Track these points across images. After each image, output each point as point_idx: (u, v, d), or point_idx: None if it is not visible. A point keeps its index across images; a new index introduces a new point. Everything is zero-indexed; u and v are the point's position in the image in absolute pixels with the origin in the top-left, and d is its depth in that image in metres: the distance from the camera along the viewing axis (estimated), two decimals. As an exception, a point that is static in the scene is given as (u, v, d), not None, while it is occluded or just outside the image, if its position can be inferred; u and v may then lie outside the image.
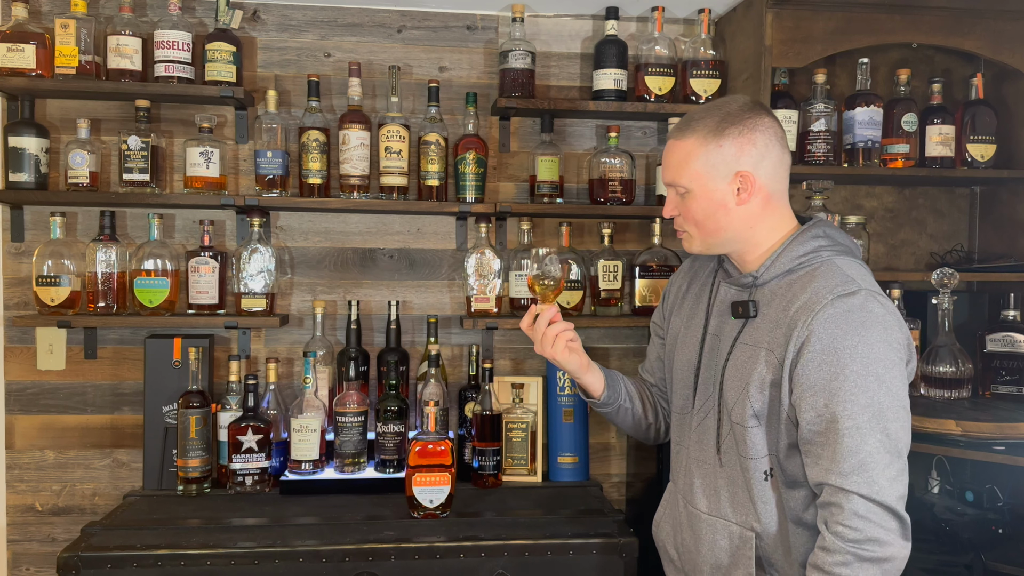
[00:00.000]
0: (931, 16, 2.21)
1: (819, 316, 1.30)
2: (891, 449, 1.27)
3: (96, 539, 1.86)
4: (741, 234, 1.44)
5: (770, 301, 1.40)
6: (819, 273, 1.36)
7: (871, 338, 1.29)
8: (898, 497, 1.27)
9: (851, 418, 1.27)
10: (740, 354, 1.41)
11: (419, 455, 1.97)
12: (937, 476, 2.43)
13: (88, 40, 2.16)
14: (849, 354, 1.28)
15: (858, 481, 1.25)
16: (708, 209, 1.42)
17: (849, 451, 1.26)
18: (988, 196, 2.60)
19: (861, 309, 1.30)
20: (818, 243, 1.41)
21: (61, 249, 2.18)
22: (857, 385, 1.27)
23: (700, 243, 1.48)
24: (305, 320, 2.42)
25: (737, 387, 1.40)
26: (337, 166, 2.30)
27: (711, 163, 1.40)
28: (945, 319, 2.24)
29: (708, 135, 1.40)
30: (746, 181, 1.40)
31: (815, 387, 1.30)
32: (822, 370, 1.29)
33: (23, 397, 2.33)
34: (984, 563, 2.05)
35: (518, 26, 2.34)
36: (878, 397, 1.27)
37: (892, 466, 1.27)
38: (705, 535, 1.46)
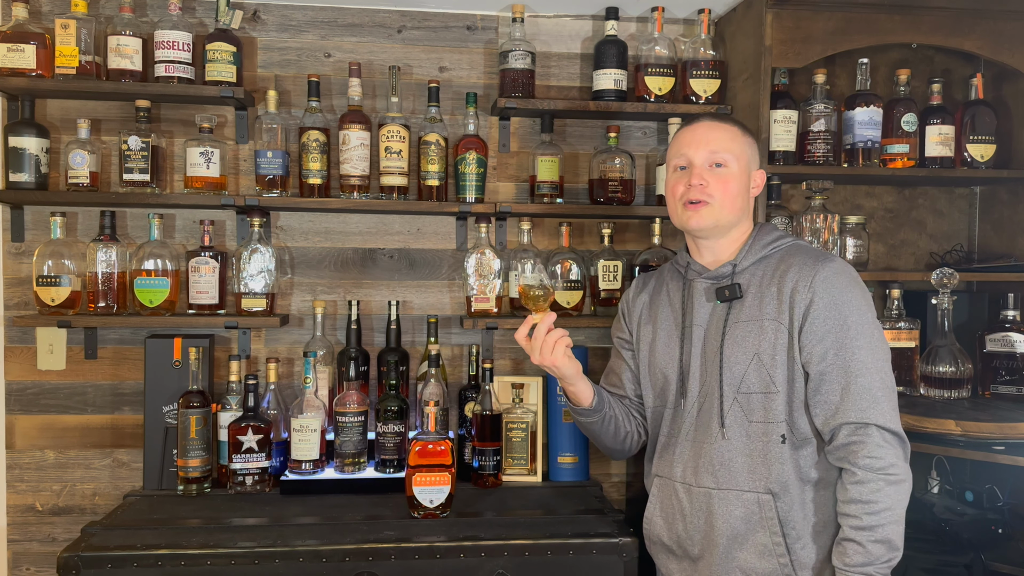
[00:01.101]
0: (931, 16, 2.22)
1: (817, 278, 1.51)
2: (890, 385, 1.49)
3: (96, 539, 1.86)
4: (737, 220, 1.63)
5: (753, 281, 1.58)
6: (793, 251, 1.59)
7: (859, 293, 1.52)
8: (900, 426, 1.49)
9: (860, 361, 1.46)
10: (738, 331, 1.56)
11: (419, 455, 1.97)
12: (937, 476, 2.43)
13: (88, 40, 2.16)
14: (848, 307, 1.49)
15: (875, 415, 1.45)
16: (740, 188, 1.61)
17: (863, 389, 1.45)
18: (988, 196, 2.60)
19: (845, 271, 1.54)
20: (777, 233, 1.64)
21: (61, 249, 2.18)
22: (860, 333, 1.48)
23: (716, 216, 1.60)
24: (305, 320, 2.42)
25: (743, 360, 1.54)
26: (337, 166, 2.30)
27: (748, 153, 1.63)
28: (945, 319, 2.24)
29: (744, 131, 1.64)
30: (759, 178, 1.67)
31: (825, 339, 1.48)
32: (827, 323, 1.49)
33: (23, 397, 2.33)
34: (984, 563, 2.05)
35: (518, 26, 2.34)
36: (874, 342, 1.49)
37: (893, 399, 1.49)
38: (718, 509, 1.54)
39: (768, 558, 1.51)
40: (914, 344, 2.41)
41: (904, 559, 2.03)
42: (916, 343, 2.41)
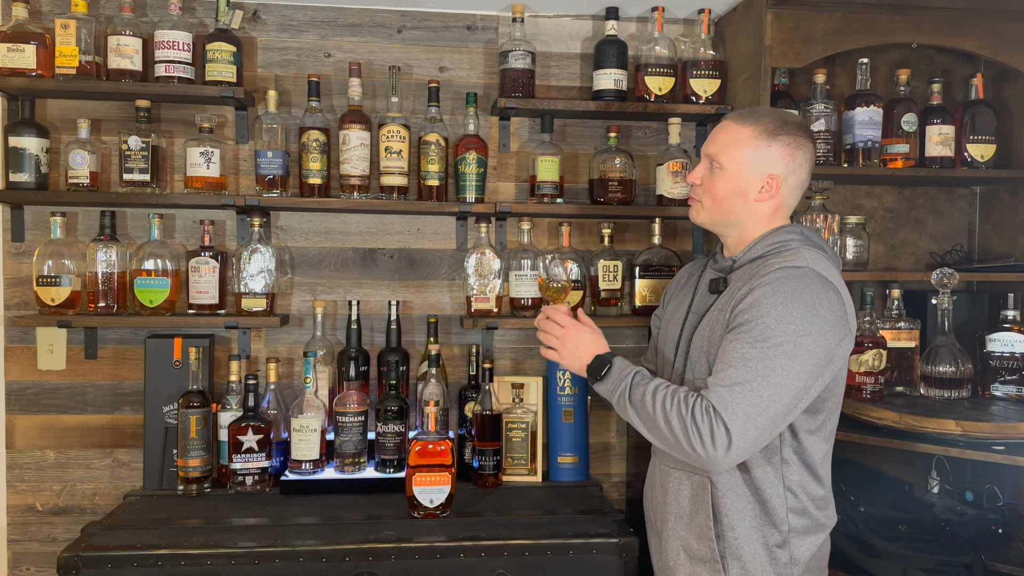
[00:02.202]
0: (931, 16, 2.22)
1: (762, 280, 1.47)
2: (761, 394, 1.40)
3: (96, 539, 1.86)
4: (744, 224, 1.61)
5: (739, 278, 1.57)
6: (783, 253, 1.54)
7: (796, 304, 1.43)
8: (740, 431, 1.39)
9: (741, 358, 1.42)
10: (708, 320, 1.59)
11: (419, 455, 1.97)
12: (937, 476, 2.44)
13: (88, 40, 2.16)
14: (768, 309, 1.43)
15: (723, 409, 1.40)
16: (731, 191, 1.59)
17: (728, 377, 1.42)
18: (988, 196, 2.60)
19: (799, 280, 1.46)
20: (791, 236, 1.58)
21: (61, 249, 2.18)
22: (762, 334, 1.42)
23: (707, 216, 1.64)
24: (305, 320, 2.43)
25: (698, 348, 1.57)
26: (337, 166, 2.30)
27: (755, 156, 1.57)
28: (945, 319, 2.24)
29: (764, 132, 1.57)
30: (773, 183, 1.58)
31: (731, 329, 1.48)
32: (740, 316, 1.47)
33: (23, 397, 2.33)
34: (984, 563, 2.05)
35: (518, 26, 2.34)
36: (775, 351, 1.41)
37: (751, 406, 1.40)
38: (671, 486, 1.61)
39: (704, 541, 1.54)
40: (914, 344, 2.41)
41: (904, 559, 2.04)
42: (916, 343, 2.41)
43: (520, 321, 2.32)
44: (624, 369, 1.58)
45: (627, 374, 1.56)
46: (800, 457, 1.54)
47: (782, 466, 1.53)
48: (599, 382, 1.60)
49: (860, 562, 2.10)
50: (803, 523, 1.54)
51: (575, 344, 1.66)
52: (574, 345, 1.66)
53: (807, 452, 1.54)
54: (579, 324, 1.69)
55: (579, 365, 1.65)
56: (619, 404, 1.56)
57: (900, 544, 2.09)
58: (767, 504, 1.52)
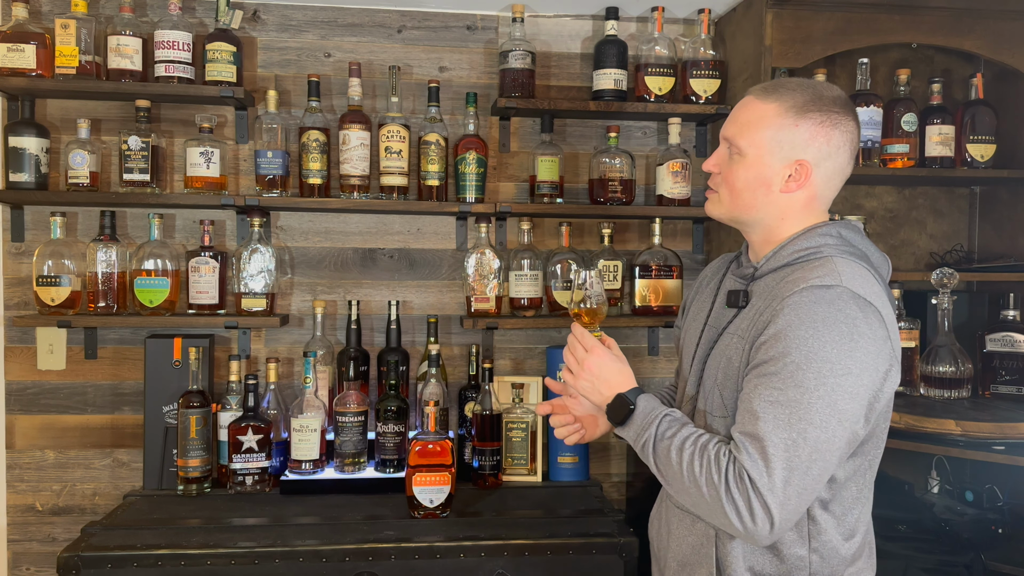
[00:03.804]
0: (931, 16, 2.22)
1: (787, 301, 1.22)
2: (799, 454, 1.16)
3: (96, 539, 1.86)
4: (769, 221, 1.36)
5: (761, 292, 1.32)
6: (811, 267, 1.26)
7: (828, 336, 1.18)
8: (780, 503, 1.16)
9: (772, 406, 1.18)
10: (724, 343, 1.35)
11: (419, 455, 1.97)
12: (937, 476, 2.43)
13: (88, 40, 2.16)
14: (796, 344, 1.18)
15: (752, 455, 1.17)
16: (752, 181, 1.33)
17: (759, 432, 1.17)
18: (988, 196, 2.60)
19: (831, 304, 1.20)
20: (824, 240, 1.31)
21: (61, 249, 2.18)
22: (792, 376, 1.17)
23: (725, 210, 1.39)
24: (305, 320, 2.42)
25: (713, 376, 1.34)
26: (337, 166, 2.30)
27: (779, 138, 1.31)
28: (945, 319, 2.24)
29: (791, 109, 1.31)
30: (802, 171, 1.31)
31: (755, 368, 1.23)
32: (763, 350, 1.22)
33: (23, 397, 2.33)
34: (984, 563, 2.05)
35: (518, 26, 2.34)
36: (809, 397, 1.16)
37: (790, 471, 1.16)
38: (675, 530, 1.41)
39: None
40: (914, 344, 2.41)
41: (904, 559, 2.04)
42: (916, 343, 2.41)
43: (520, 321, 2.32)
44: (649, 415, 1.32)
45: (652, 421, 1.31)
46: (830, 512, 1.28)
47: (808, 524, 1.27)
48: (621, 427, 1.36)
49: (860, 562, 2.10)
50: None
51: (596, 375, 1.40)
52: (595, 376, 1.40)
53: (840, 504, 1.29)
54: (604, 351, 1.41)
55: (599, 400, 1.40)
56: (643, 455, 1.33)
57: (900, 544, 2.09)
58: (784, 565, 1.29)
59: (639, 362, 2.55)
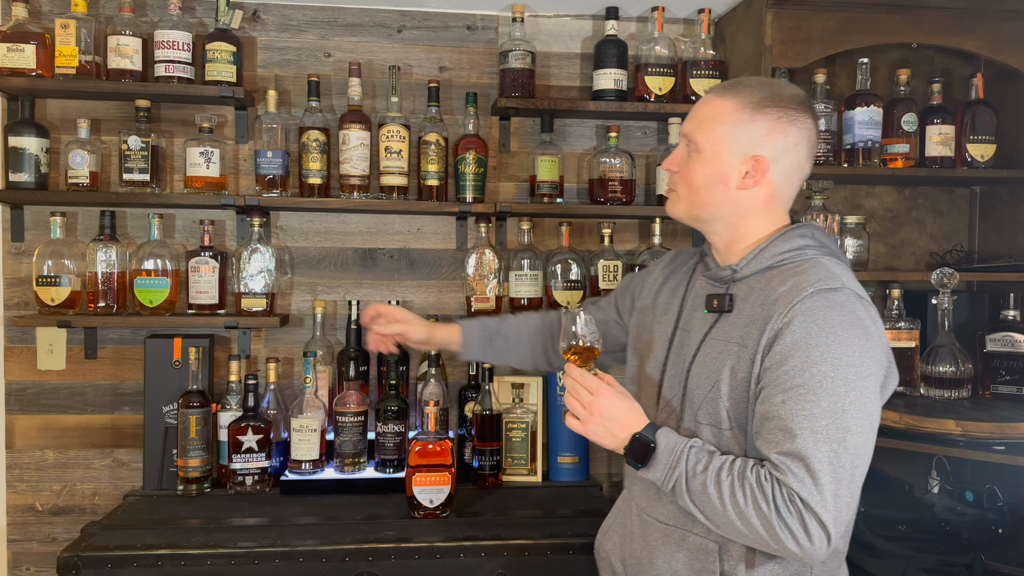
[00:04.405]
0: (931, 16, 2.21)
1: (798, 307, 1.21)
2: (843, 464, 1.16)
3: (96, 539, 1.86)
4: (729, 219, 1.36)
5: (747, 296, 1.31)
6: (802, 269, 1.27)
7: (848, 339, 1.20)
8: (833, 517, 1.15)
9: (808, 420, 1.17)
10: (710, 349, 1.32)
11: (419, 455, 1.97)
12: (937, 476, 2.43)
13: (88, 40, 2.16)
14: (821, 352, 1.18)
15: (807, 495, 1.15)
16: (709, 177, 1.34)
17: (798, 461, 1.16)
18: (988, 196, 2.60)
19: (842, 307, 1.21)
20: (804, 241, 1.33)
21: (61, 249, 2.18)
22: (822, 387, 1.17)
23: (685, 209, 1.39)
24: (305, 320, 2.42)
25: (705, 385, 1.31)
26: (337, 166, 2.30)
27: (735, 134, 1.32)
28: (945, 319, 2.24)
29: (748, 105, 1.32)
30: (758, 167, 1.32)
31: (776, 381, 1.21)
32: (787, 364, 1.20)
33: (23, 397, 2.33)
34: (984, 563, 2.05)
35: (518, 26, 2.34)
36: (843, 404, 1.17)
37: (840, 485, 1.16)
38: (660, 547, 1.36)
39: None
40: (914, 344, 2.41)
41: (904, 559, 2.04)
42: (916, 343, 2.41)
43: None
44: (673, 450, 1.27)
45: (679, 458, 1.26)
46: None
47: None
48: (645, 469, 1.30)
49: (860, 562, 2.10)
50: None
51: (607, 417, 1.33)
52: (606, 419, 1.33)
53: None
54: (611, 391, 1.34)
55: (613, 444, 1.34)
56: (676, 494, 1.27)
57: (900, 544, 2.09)
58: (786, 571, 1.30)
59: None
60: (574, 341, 1.40)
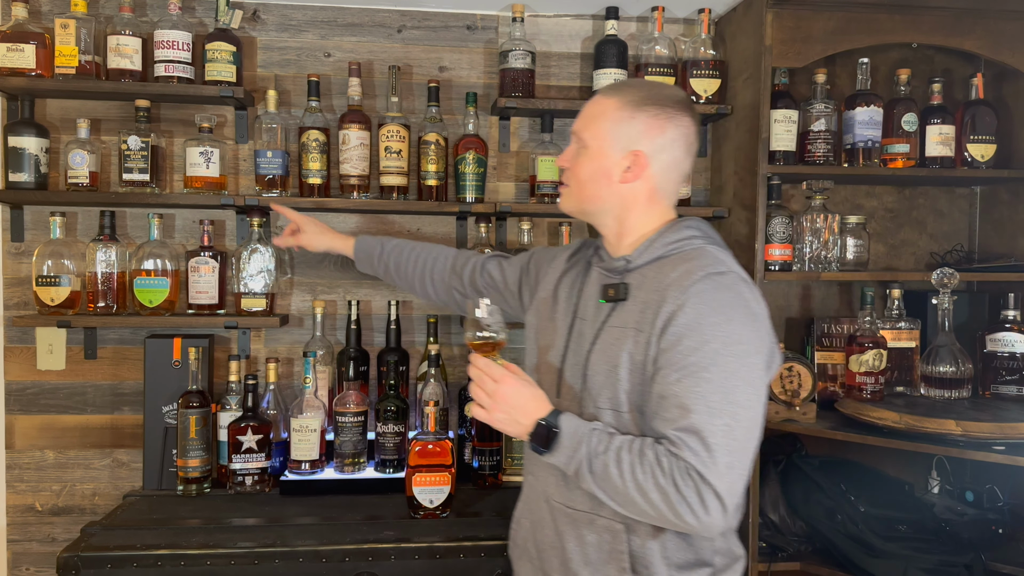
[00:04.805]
0: (931, 16, 2.21)
1: (690, 291, 1.28)
2: (736, 437, 1.23)
3: (96, 539, 1.86)
4: (615, 212, 1.44)
5: (641, 284, 1.37)
6: (691, 256, 1.35)
7: (737, 319, 1.28)
8: (728, 488, 1.22)
9: (702, 396, 1.23)
10: (608, 337, 1.37)
11: (419, 455, 1.97)
12: (937, 476, 2.43)
13: (88, 40, 2.16)
14: (712, 331, 1.26)
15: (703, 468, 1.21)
16: (594, 172, 1.42)
17: (694, 425, 1.22)
18: (988, 196, 2.60)
19: (730, 289, 1.30)
20: (691, 232, 1.41)
21: (61, 249, 2.18)
22: (714, 363, 1.24)
23: (575, 203, 1.47)
24: (305, 320, 2.42)
25: (604, 370, 1.35)
26: (337, 166, 2.30)
27: (617, 130, 1.40)
28: (945, 319, 2.24)
29: (629, 103, 1.40)
30: (638, 162, 1.40)
31: (671, 361, 1.27)
32: (682, 344, 1.26)
33: (23, 397, 2.33)
34: (984, 563, 2.05)
35: (518, 26, 2.34)
36: (733, 380, 1.24)
37: (732, 459, 1.22)
38: (570, 532, 1.39)
39: None
40: (914, 344, 2.41)
41: (904, 559, 2.04)
42: (916, 343, 2.41)
43: (520, 321, 2.32)
44: (575, 434, 1.31)
45: (581, 440, 1.30)
46: None
47: None
48: (549, 454, 1.33)
49: (860, 562, 2.10)
50: (723, 560, 1.40)
51: (511, 405, 1.36)
52: (510, 406, 1.36)
53: None
54: (515, 379, 1.37)
55: (518, 431, 1.37)
56: (579, 478, 1.31)
57: (900, 544, 2.09)
58: (691, 547, 1.36)
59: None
60: (480, 332, 1.43)
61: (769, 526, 2.29)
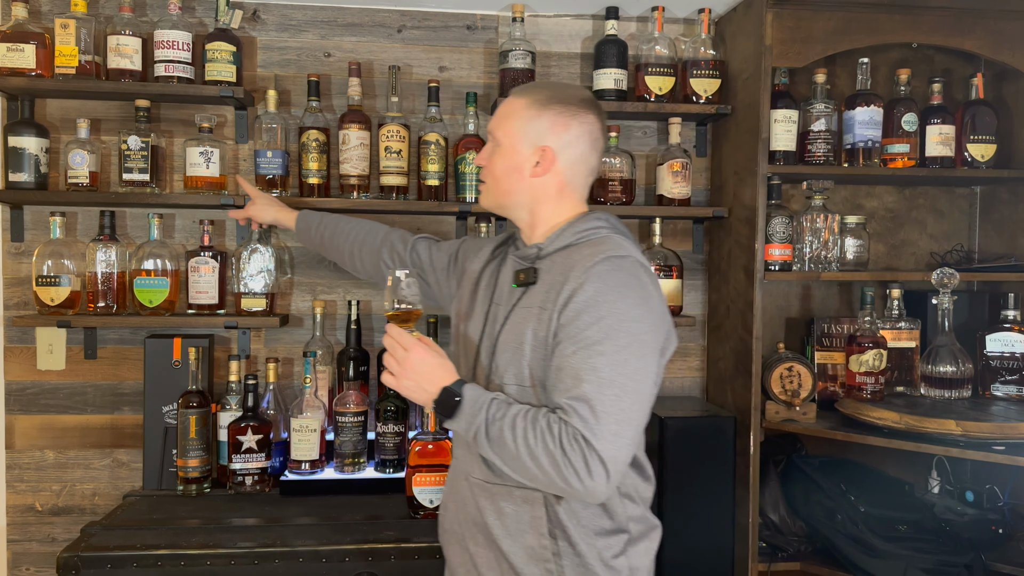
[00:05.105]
0: (931, 16, 2.21)
1: (590, 271, 1.36)
2: (623, 408, 1.30)
3: (96, 539, 1.86)
4: (528, 205, 1.52)
5: (550, 269, 1.45)
6: (596, 242, 1.43)
7: (631, 298, 1.35)
8: (612, 455, 1.29)
9: (594, 368, 1.31)
10: (517, 317, 1.45)
11: (419, 455, 1.97)
12: (937, 476, 2.44)
13: (88, 40, 2.16)
14: (607, 308, 1.33)
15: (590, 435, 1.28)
16: (507, 168, 1.51)
17: (584, 394, 1.30)
18: (988, 196, 2.60)
19: (628, 271, 1.38)
20: (599, 223, 1.49)
21: (61, 249, 2.18)
22: (608, 338, 1.32)
23: (492, 198, 1.56)
24: (305, 320, 2.42)
25: (511, 348, 1.43)
26: (337, 166, 2.30)
27: (526, 127, 1.49)
28: (945, 319, 2.24)
29: (536, 102, 1.49)
30: (546, 156, 1.48)
31: (569, 336, 1.34)
32: (579, 319, 1.34)
33: (23, 397, 2.33)
34: (984, 563, 2.05)
35: (518, 26, 2.34)
36: (624, 355, 1.32)
37: (619, 427, 1.29)
38: (489, 506, 1.45)
39: (537, 563, 1.40)
40: (914, 344, 2.41)
41: (904, 559, 2.04)
42: (916, 343, 2.41)
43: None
44: (476, 401, 1.37)
45: (481, 407, 1.36)
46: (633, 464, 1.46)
47: None
48: (451, 420, 1.39)
49: (860, 562, 2.10)
50: (639, 528, 1.47)
51: (418, 372, 1.42)
52: (417, 373, 1.42)
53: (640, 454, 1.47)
54: (424, 348, 1.43)
55: (424, 398, 1.43)
56: (476, 443, 1.38)
57: (900, 544, 2.09)
58: (607, 514, 1.42)
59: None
60: (397, 303, 1.50)
61: (769, 526, 2.29)
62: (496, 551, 1.44)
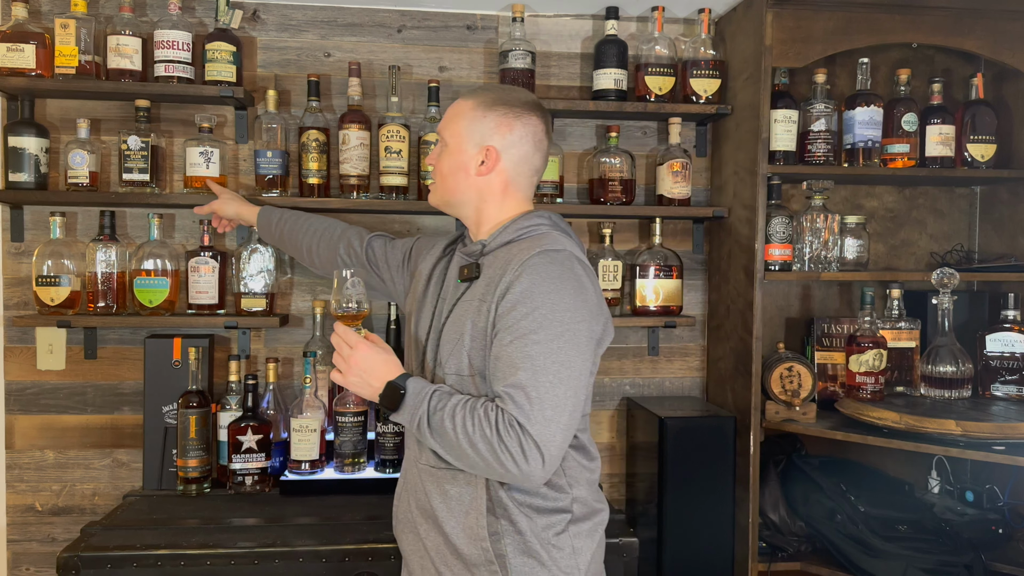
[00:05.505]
0: (931, 16, 2.21)
1: (526, 264, 1.41)
2: (557, 394, 1.34)
3: (96, 539, 1.86)
4: (474, 204, 1.57)
5: (492, 264, 1.50)
6: (535, 237, 1.49)
7: (565, 289, 1.40)
8: (547, 440, 1.33)
9: (529, 357, 1.35)
10: (459, 311, 1.50)
11: (419, 455, 1.97)
12: (937, 476, 2.44)
13: (88, 40, 2.16)
14: (542, 299, 1.38)
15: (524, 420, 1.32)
16: (453, 167, 1.56)
17: (519, 382, 1.34)
18: (988, 196, 2.60)
19: (562, 264, 1.43)
20: (540, 220, 1.54)
21: (61, 249, 2.18)
22: (542, 327, 1.36)
23: (440, 196, 1.61)
24: (305, 320, 2.42)
25: (452, 340, 1.47)
26: (337, 166, 2.30)
27: (471, 128, 1.54)
28: (945, 319, 2.24)
29: (482, 104, 1.55)
30: (490, 156, 1.53)
31: (506, 326, 1.39)
32: (515, 310, 1.38)
33: (23, 397, 2.33)
34: (984, 563, 2.05)
35: (518, 26, 2.34)
36: (558, 343, 1.36)
37: (551, 413, 1.33)
38: (435, 489, 1.49)
39: (477, 542, 1.43)
40: (914, 344, 2.41)
41: (904, 559, 2.04)
42: (916, 343, 2.41)
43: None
44: (419, 393, 1.42)
45: (423, 398, 1.41)
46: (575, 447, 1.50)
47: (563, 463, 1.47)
48: (396, 413, 1.44)
49: (860, 562, 2.11)
50: (583, 509, 1.50)
51: (363, 368, 1.46)
52: (362, 370, 1.46)
53: (577, 433, 1.50)
54: (369, 345, 1.48)
55: (370, 392, 1.47)
56: (420, 433, 1.42)
57: (900, 544, 2.09)
58: (549, 493, 1.46)
59: (639, 362, 2.55)
60: (345, 302, 1.55)
61: (769, 526, 2.29)
62: (442, 534, 1.47)
